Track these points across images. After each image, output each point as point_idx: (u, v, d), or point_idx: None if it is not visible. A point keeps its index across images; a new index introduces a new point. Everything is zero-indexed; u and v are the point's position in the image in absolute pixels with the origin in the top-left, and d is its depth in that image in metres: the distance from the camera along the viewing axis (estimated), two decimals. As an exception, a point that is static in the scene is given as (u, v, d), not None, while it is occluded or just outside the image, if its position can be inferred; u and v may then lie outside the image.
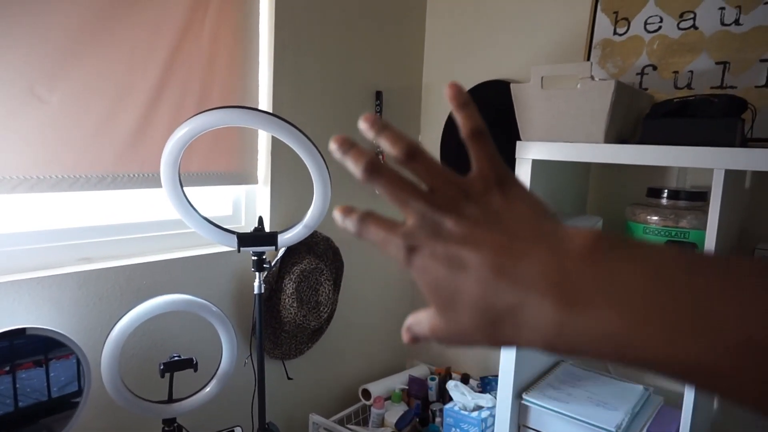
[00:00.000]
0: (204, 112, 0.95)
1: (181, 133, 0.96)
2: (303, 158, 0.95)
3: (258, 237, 1.00)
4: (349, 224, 0.31)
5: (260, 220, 1.09)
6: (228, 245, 1.01)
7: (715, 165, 0.90)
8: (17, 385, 0.91)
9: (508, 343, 0.26)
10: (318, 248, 1.48)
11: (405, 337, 0.31)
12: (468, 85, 1.69)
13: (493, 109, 1.63)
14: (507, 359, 1.18)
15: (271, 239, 1.01)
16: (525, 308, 0.24)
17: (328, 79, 1.52)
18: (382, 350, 1.88)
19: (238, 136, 1.34)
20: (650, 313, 0.21)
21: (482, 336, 0.26)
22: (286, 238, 1.05)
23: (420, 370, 1.78)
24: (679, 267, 0.21)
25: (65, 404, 0.98)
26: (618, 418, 1.10)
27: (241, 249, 0.99)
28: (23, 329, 0.91)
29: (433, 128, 1.81)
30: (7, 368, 0.89)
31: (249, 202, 1.44)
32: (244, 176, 1.37)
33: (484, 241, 0.26)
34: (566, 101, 1.05)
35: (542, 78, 1.08)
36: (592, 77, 1.01)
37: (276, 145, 1.40)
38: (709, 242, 0.90)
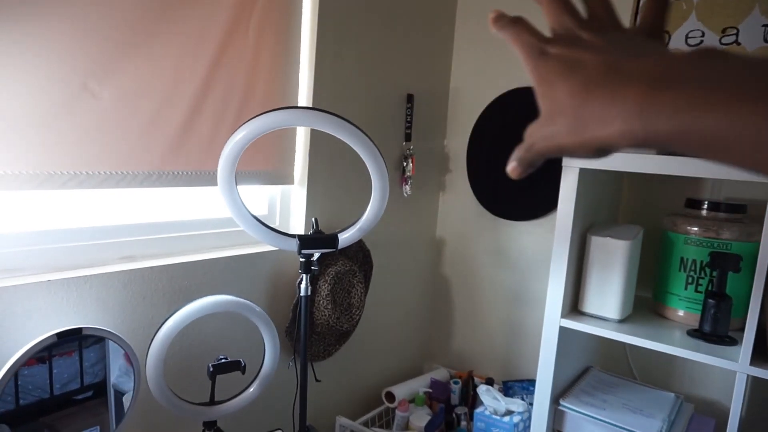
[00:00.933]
0: (267, 112, 0.94)
1: (241, 134, 0.95)
2: (366, 162, 0.95)
3: (319, 239, 0.99)
4: (500, 24, 0.34)
5: (316, 222, 1.09)
6: (286, 248, 1.00)
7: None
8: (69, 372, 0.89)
9: (588, 139, 0.29)
10: (350, 250, 1.48)
11: (510, 169, 0.34)
12: (499, 92, 1.70)
13: (524, 117, 1.65)
14: (545, 363, 1.19)
15: (332, 241, 1.00)
16: (617, 97, 0.27)
17: (365, 82, 1.52)
18: (402, 353, 1.88)
19: (277, 136, 1.33)
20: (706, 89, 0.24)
21: (567, 131, 0.30)
22: (342, 240, 1.04)
23: (439, 374, 1.78)
24: (738, 61, 0.25)
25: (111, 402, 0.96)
26: (656, 426, 1.13)
27: (302, 251, 0.99)
28: (79, 329, 0.90)
29: (460, 133, 1.82)
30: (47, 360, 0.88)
31: (284, 203, 1.43)
32: (282, 176, 1.37)
33: (609, 49, 0.29)
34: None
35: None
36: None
37: (314, 147, 1.39)
38: (764, 254, 0.93)
